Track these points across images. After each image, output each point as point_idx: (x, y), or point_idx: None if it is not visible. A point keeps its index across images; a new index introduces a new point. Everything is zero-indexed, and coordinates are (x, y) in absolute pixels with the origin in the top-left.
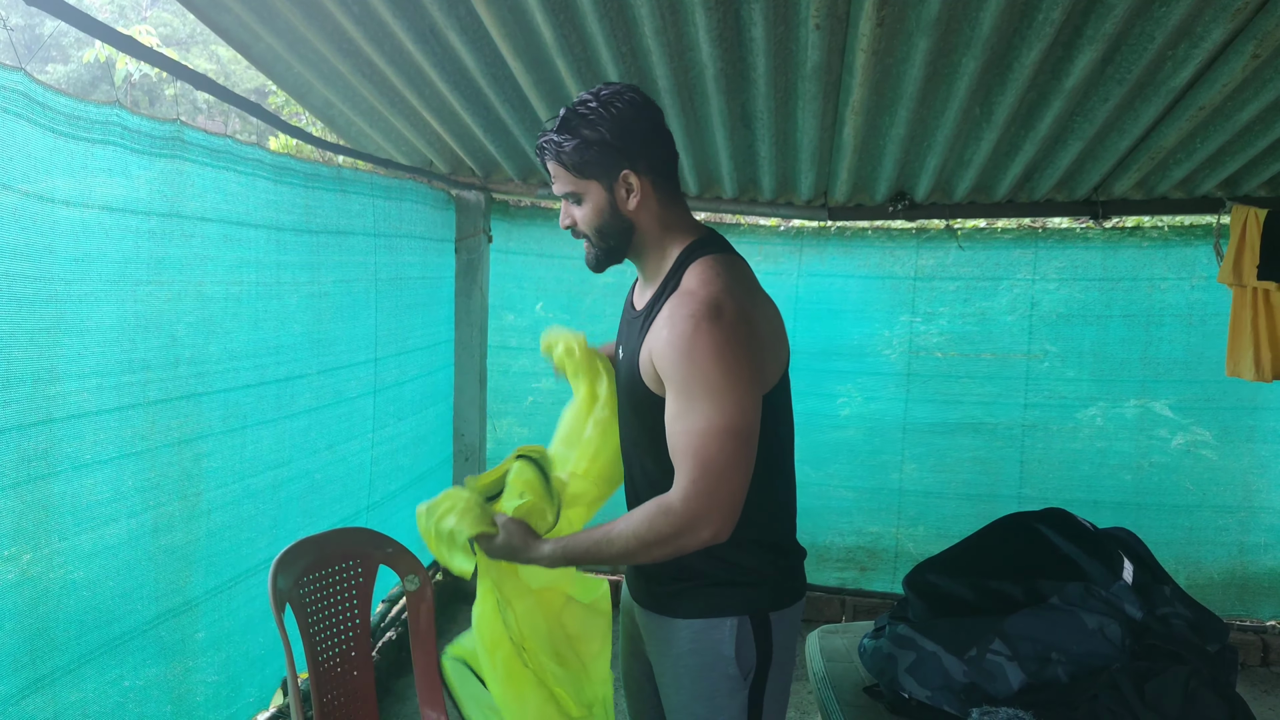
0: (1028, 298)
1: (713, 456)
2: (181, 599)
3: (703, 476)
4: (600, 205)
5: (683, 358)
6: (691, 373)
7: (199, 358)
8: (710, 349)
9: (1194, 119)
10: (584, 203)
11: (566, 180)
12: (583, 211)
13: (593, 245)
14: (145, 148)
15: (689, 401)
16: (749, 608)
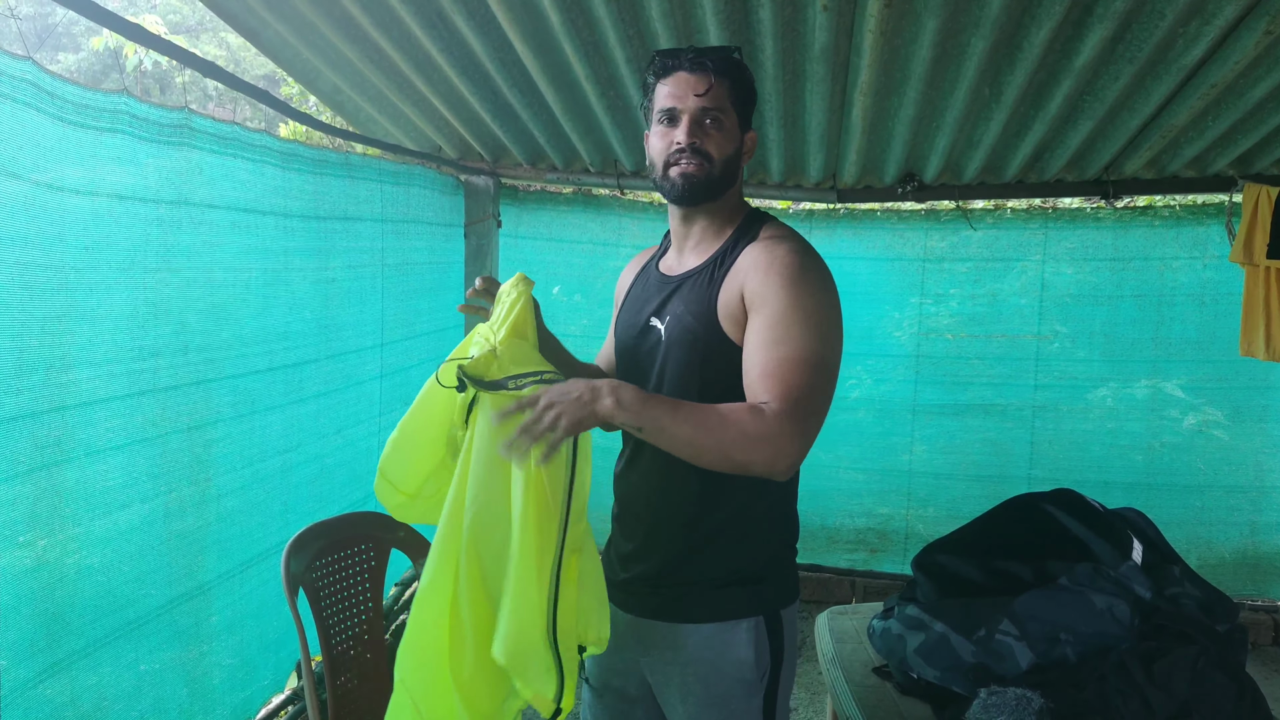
0: (1038, 278)
1: (808, 383)
2: (195, 583)
3: (798, 399)
4: (734, 140)
5: (789, 285)
6: (797, 301)
7: (209, 344)
8: (816, 283)
9: (1206, 97)
10: (724, 130)
11: (721, 100)
12: (721, 137)
13: (707, 168)
14: (154, 135)
15: (787, 329)
16: (764, 608)
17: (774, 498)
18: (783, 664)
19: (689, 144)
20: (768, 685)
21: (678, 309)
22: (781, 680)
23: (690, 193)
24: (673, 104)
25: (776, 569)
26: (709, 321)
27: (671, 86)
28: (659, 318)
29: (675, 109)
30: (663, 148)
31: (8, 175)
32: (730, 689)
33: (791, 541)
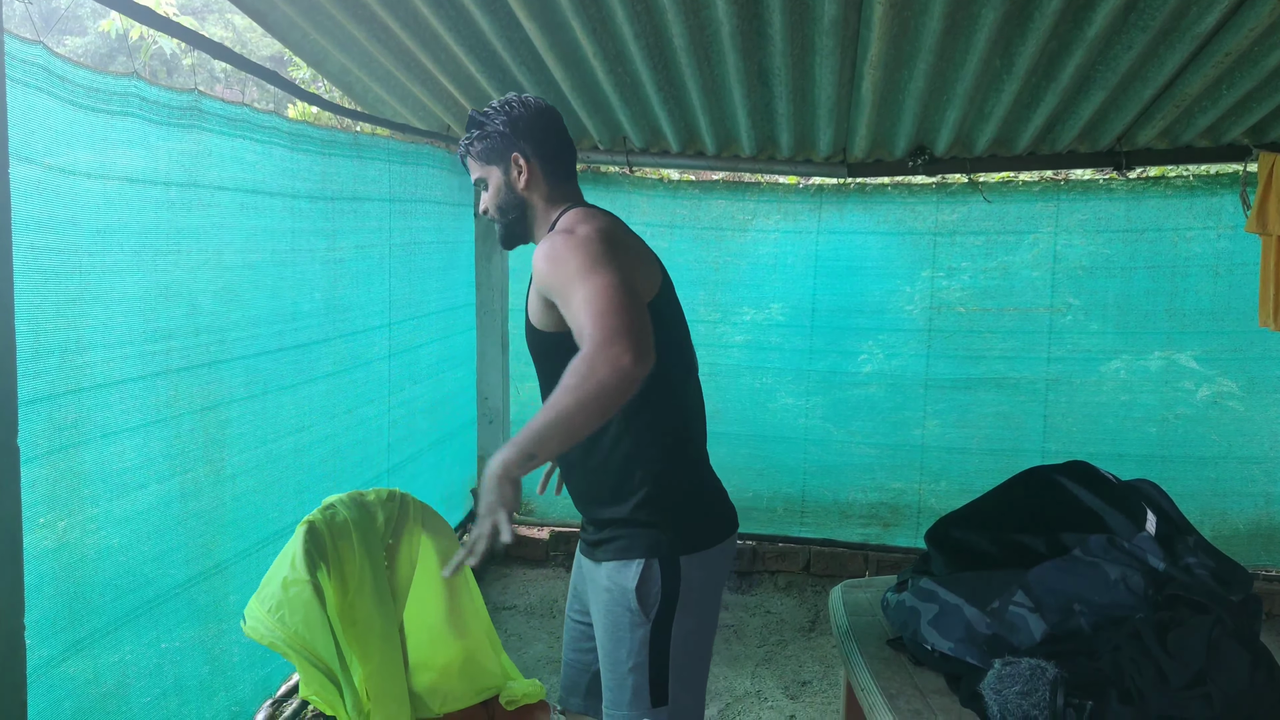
0: (1050, 251)
1: (603, 303)
2: (212, 562)
3: (600, 316)
4: (499, 185)
5: (554, 264)
6: (564, 267)
7: (219, 325)
8: (572, 247)
9: (1219, 65)
10: (489, 186)
11: (476, 169)
12: (488, 195)
13: (498, 222)
14: (164, 118)
15: (570, 290)
16: (655, 552)
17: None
18: (677, 606)
19: (482, 212)
20: (656, 620)
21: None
22: (676, 623)
23: (505, 243)
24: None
25: (674, 519)
26: (528, 319)
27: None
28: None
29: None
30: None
31: (20, 159)
32: (619, 616)
33: (696, 498)
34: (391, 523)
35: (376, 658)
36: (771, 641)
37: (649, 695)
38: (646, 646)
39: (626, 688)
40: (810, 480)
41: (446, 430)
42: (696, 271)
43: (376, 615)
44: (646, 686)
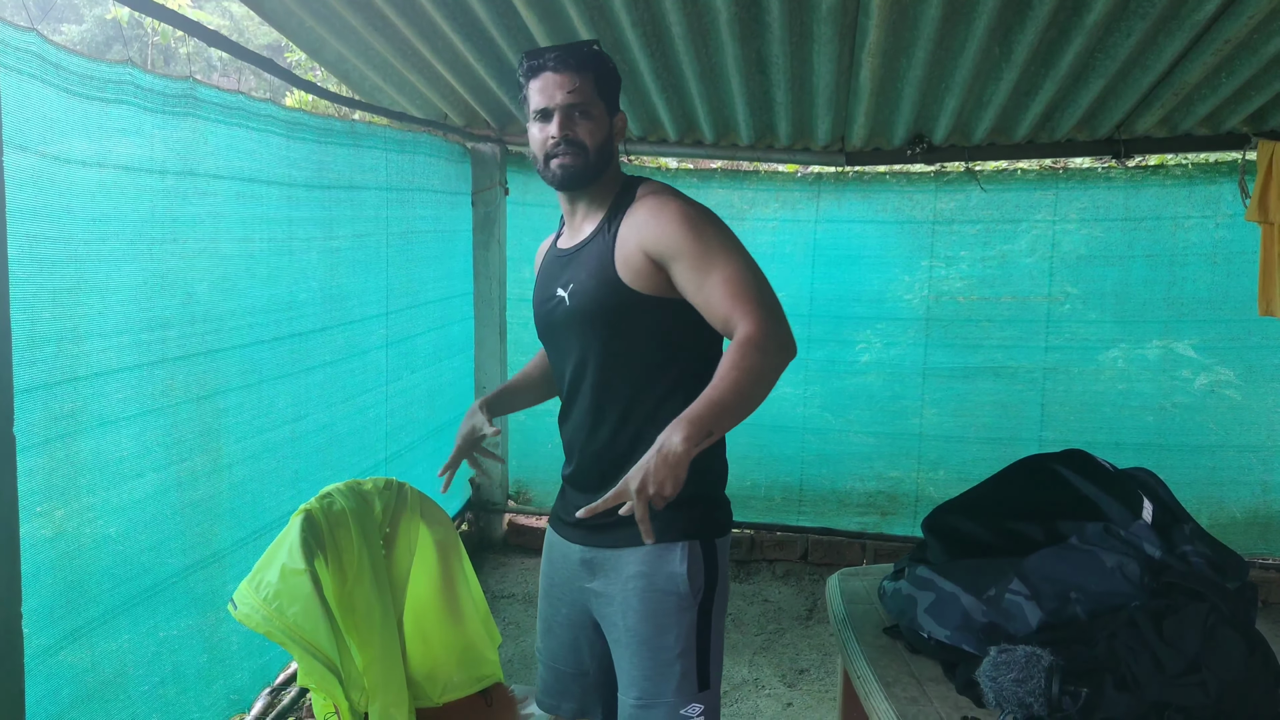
0: (1049, 239)
1: (752, 282)
2: (209, 550)
3: (761, 295)
4: (605, 127)
5: (689, 227)
6: (702, 234)
7: (216, 314)
8: (704, 216)
9: (1219, 53)
10: (592, 117)
11: (586, 94)
12: (591, 126)
13: (583, 157)
14: (159, 106)
15: (710, 259)
16: (699, 534)
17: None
18: (716, 587)
19: (562, 136)
20: (701, 603)
21: (579, 275)
22: (715, 603)
23: (569, 180)
24: (544, 103)
25: (708, 503)
26: (607, 277)
27: (540, 85)
28: (562, 288)
29: (547, 107)
30: (539, 142)
31: (15, 148)
32: (664, 602)
33: (720, 483)
34: (389, 511)
35: (376, 646)
36: (769, 630)
37: (695, 681)
38: (694, 631)
39: (672, 675)
40: (808, 469)
41: (444, 419)
42: None
43: (375, 604)
44: (694, 672)
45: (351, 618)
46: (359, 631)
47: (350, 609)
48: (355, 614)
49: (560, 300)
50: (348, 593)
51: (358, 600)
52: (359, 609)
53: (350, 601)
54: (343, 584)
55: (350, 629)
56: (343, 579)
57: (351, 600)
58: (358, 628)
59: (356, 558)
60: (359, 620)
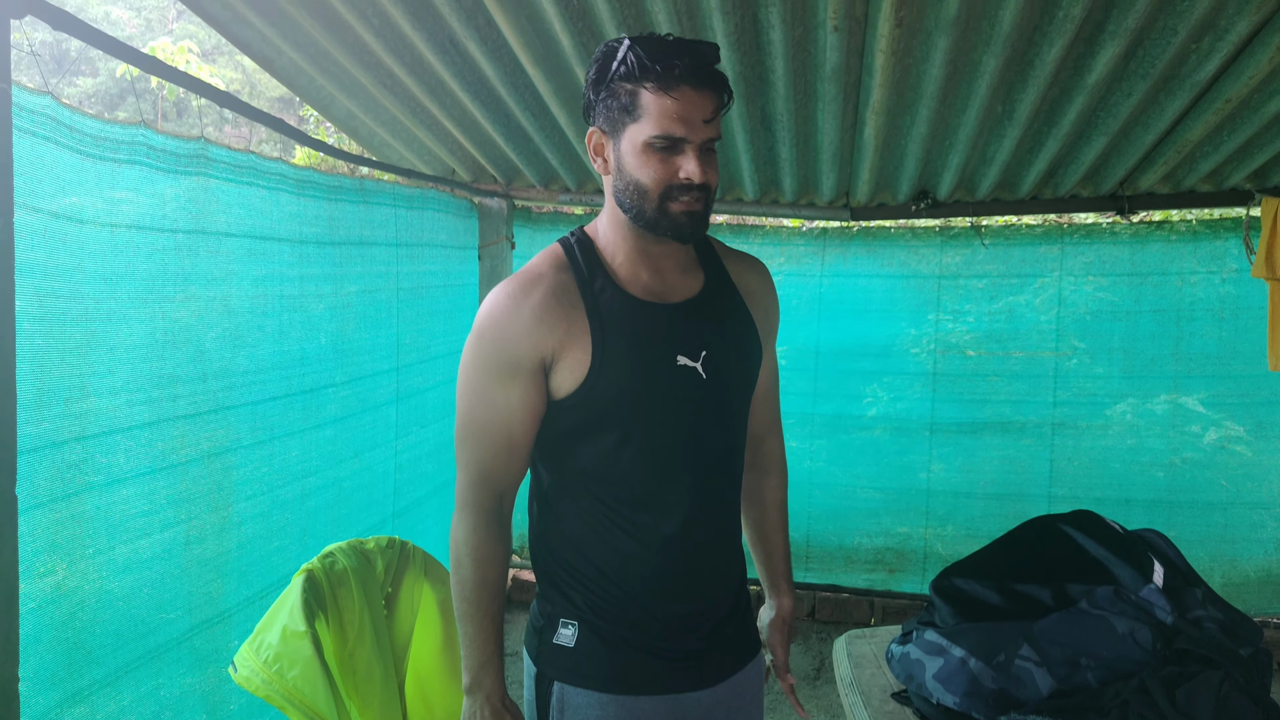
0: (1055, 294)
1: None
2: (215, 610)
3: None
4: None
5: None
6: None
7: (226, 371)
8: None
9: (1220, 112)
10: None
11: (719, 123)
12: (716, 166)
13: (709, 204)
14: (170, 166)
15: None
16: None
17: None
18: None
19: (704, 181)
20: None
21: (714, 340)
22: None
23: (697, 231)
24: (681, 131)
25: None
26: (756, 347)
27: (676, 106)
28: (688, 355)
29: (682, 139)
30: (661, 178)
31: (27, 209)
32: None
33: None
34: (391, 570)
35: (376, 708)
36: (776, 689)
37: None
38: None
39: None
40: (815, 525)
41: (450, 474)
42: None
43: (376, 664)
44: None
45: (352, 679)
46: (359, 693)
47: (351, 670)
48: (356, 675)
49: (691, 371)
50: (349, 653)
51: (359, 661)
52: (360, 670)
53: (351, 663)
54: (344, 645)
55: (350, 691)
56: (344, 640)
57: (352, 661)
58: (358, 689)
59: (358, 618)
60: (359, 682)
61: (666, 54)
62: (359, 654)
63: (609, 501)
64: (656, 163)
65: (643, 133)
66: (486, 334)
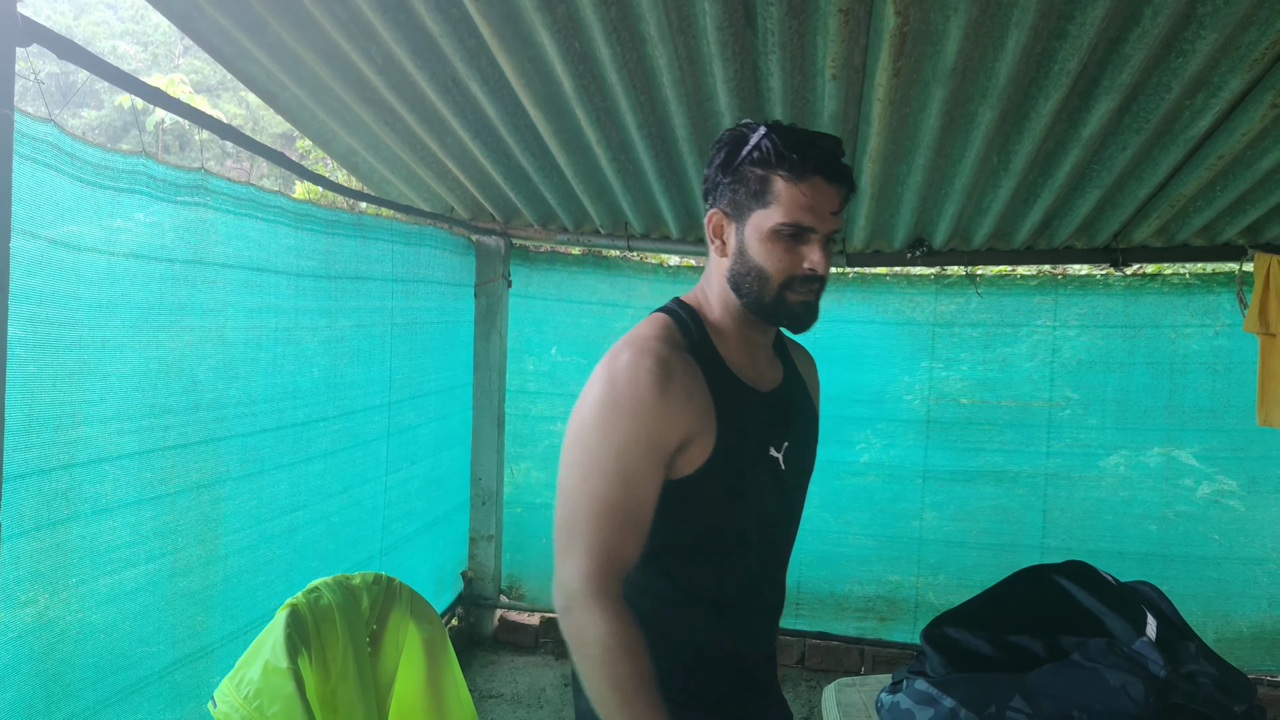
0: (1049, 344)
1: None
2: (198, 644)
3: None
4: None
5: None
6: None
7: (219, 402)
8: None
9: (1213, 167)
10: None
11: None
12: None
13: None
14: (170, 196)
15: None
16: None
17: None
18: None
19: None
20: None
21: (794, 437)
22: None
23: (810, 323)
24: (810, 221)
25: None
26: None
27: (808, 196)
28: (775, 448)
29: (810, 229)
30: (784, 267)
31: (25, 234)
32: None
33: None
34: (377, 607)
35: None
36: None
37: None
38: None
39: None
40: (805, 571)
41: (440, 511)
42: None
43: (359, 702)
44: None
45: (333, 717)
46: None
47: (333, 708)
48: (337, 714)
49: (775, 462)
50: (330, 690)
51: (340, 699)
52: (341, 708)
53: (333, 700)
54: (326, 681)
55: None
56: (326, 676)
57: (334, 699)
58: None
59: (341, 655)
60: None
61: (801, 144)
62: (341, 692)
63: (679, 578)
64: (781, 251)
65: (771, 219)
66: (629, 409)
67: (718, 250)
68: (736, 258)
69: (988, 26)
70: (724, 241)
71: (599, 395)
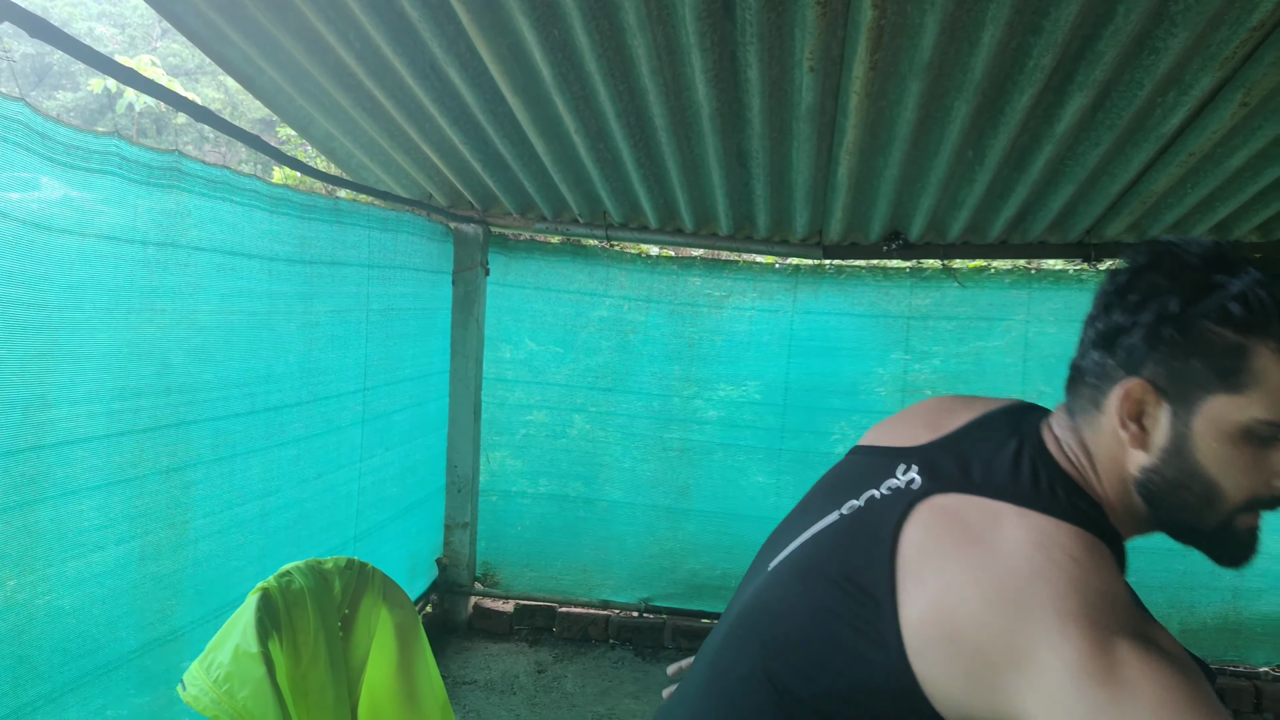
0: (1023, 338)
1: None
2: (167, 628)
3: None
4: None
5: None
6: None
7: (191, 385)
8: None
9: (1184, 165)
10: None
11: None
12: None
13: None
14: (143, 178)
15: None
16: None
17: None
18: None
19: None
20: None
21: None
22: None
23: (1251, 559)
24: None
25: None
26: None
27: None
28: None
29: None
30: (1251, 485)
31: None
32: None
33: None
34: (348, 592)
35: None
36: None
37: None
38: None
39: None
40: None
41: (415, 498)
42: (672, 346)
43: (329, 687)
44: None
45: (304, 701)
46: (310, 716)
47: (303, 692)
48: (308, 698)
49: None
50: (301, 675)
51: (311, 683)
52: (312, 692)
53: (303, 685)
54: (296, 666)
55: (302, 713)
56: (297, 660)
57: (305, 683)
58: (309, 712)
59: (312, 639)
60: (311, 705)
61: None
62: (312, 676)
63: None
64: (1249, 460)
65: (1245, 412)
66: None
67: (1132, 437)
68: (1168, 458)
69: (964, 21)
70: (1143, 429)
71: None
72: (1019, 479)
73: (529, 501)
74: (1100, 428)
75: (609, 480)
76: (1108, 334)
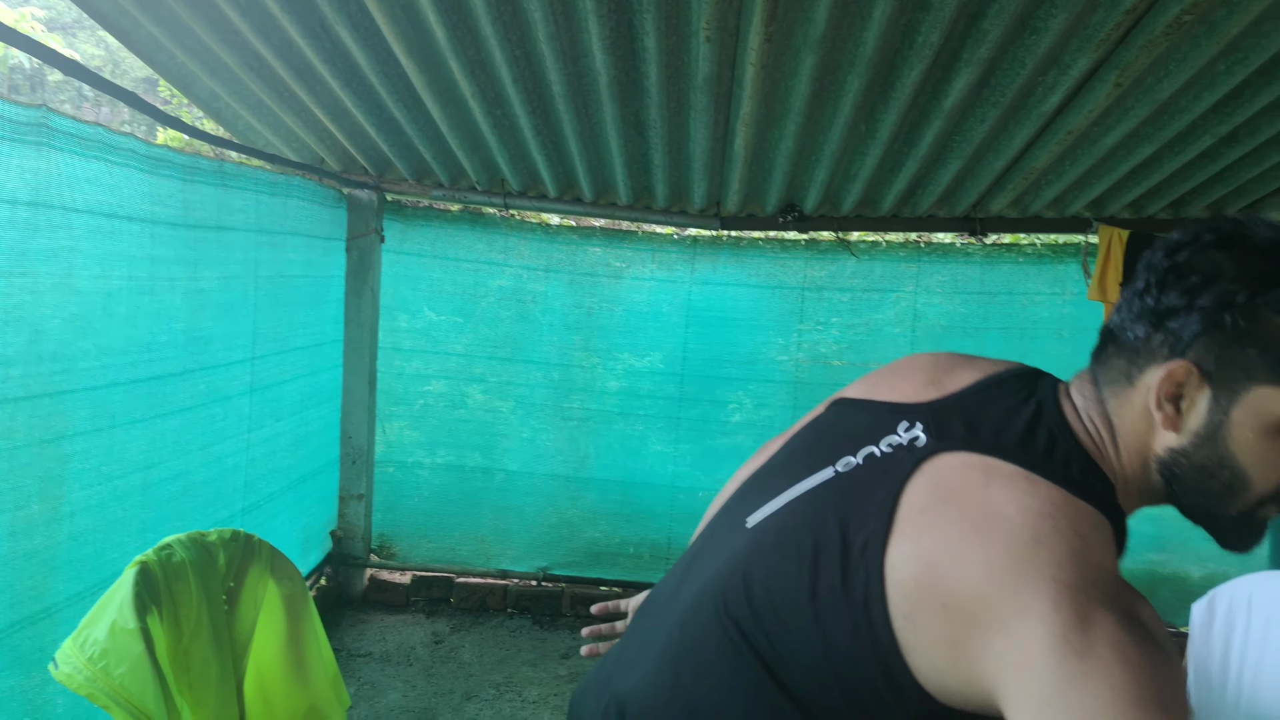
0: (911, 310)
1: None
2: (40, 605)
3: None
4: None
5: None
6: None
7: (67, 354)
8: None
9: (1063, 142)
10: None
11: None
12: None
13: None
14: (9, 134)
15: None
16: None
17: None
18: None
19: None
20: None
21: None
22: None
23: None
24: None
25: None
26: None
27: None
28: None
29: None
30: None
31: None
32: None
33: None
34: (234, 565)
35: (211, 707)
36: None
37: None
38: None
39: None
40: (677, 527)
41: (308, 469)
42: (572, 316)
43: (213, 662)
44: None
45: (186, 677)
46: (193, 692)
47: (185, 668)
48: (190, 673)
49: None
50: (183, 650)
51: (194, 658)
52: (195, 668)
53: (186, 660)
54: (178, 641)
55: (184, 689)
56: (178, 635)
57: (187, 658)
58: (192, 688)
59: (195, 613)
60: (194, 680)
61: None
62: (194, 651)
63: None
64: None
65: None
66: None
67: (1165, 419)
68: (1200, 443)
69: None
70: (1180, 413)
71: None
72: (1033, 446)
73: (427, 472)
74: (1130, 402)
75: (508, 450)
76: (1159, 312)
